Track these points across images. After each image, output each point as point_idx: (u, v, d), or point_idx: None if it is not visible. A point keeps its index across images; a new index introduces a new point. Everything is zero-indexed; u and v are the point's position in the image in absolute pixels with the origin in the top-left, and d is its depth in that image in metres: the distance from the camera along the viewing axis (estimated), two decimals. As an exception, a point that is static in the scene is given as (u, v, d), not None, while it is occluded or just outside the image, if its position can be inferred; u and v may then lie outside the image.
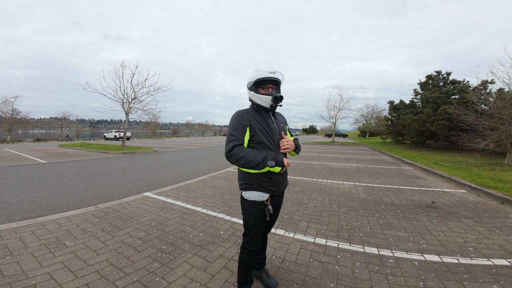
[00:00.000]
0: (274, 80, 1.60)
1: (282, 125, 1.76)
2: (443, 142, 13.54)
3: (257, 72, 1.58)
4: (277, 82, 1.63)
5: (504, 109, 7.87)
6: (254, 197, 1.63)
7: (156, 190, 4.86)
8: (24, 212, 3.56)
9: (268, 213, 1.65)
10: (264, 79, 1.57)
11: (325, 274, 2.05)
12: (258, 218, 1.66)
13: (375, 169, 7.76)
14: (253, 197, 1.63)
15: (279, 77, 1.61)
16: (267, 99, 1.58)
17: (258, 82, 1.60)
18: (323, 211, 3.65)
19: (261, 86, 1.62)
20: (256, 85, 1.61)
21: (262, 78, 1.56)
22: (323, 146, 19.70)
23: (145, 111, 16.63)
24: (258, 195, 1.63)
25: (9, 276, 1.94)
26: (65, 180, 5.88)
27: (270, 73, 1.56)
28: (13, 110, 28.09)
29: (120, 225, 3.03)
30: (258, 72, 1.59)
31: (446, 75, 16.03)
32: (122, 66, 15.17)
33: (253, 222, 1.68)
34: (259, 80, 1.58)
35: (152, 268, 2.11)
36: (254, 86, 1.62)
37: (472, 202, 4.19)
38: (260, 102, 1.61)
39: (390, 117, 21.04)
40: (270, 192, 1.64)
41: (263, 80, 1.58)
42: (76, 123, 57.36)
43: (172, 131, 56.57)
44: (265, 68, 1.59)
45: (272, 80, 1.59)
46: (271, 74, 1.56)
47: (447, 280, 1.96)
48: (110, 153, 12.67)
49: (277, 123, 1.72)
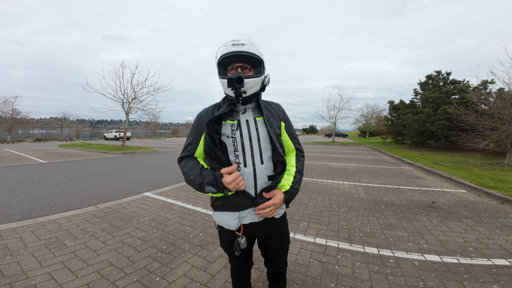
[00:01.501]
0: (240, 54, 1.01)
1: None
2: (443, 142, 13.54)
3: (221, 48, 1.05)
4: (250, 58, 1.04)
5: (504, 109, 7.87)
6: (220, 221, 1.19)
7: (156, 190, 4.86)
8: (24, 212, 3.56)
9: (238, 248, 1.15)
10: (227, 55, 1.02)
11: (325, 274, 2.05)
12: (229, 249, 1.24)
13: (375, 169, 7.75)
14: (219, 222, 1.20)
15: (249, 50, 1.02)
16: (224, 83, 1.05)
17: (222, 61, 1.05)
18: (323, 211, 3.65)
19: (228, 67, 1.08)
20: (223, 67, 1.08)
21: (224, 54, 1.03)
22: (323, 146, 19.70)
23: (145, 111, 16.67)
24: (223, 220, 1.17)
25: (9, 276, 1.94)
26: (65, 180, 5.88)
27: (234, 46, 1.02)
28: (13, 110, 28.10)
29: (120, 225, 3.03)
30: (222, 47, 1.05)
31: (446, 75, 16.03)
32: (122, 66, 15.19)
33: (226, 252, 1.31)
34: (221, 58, 1.04)
35: (152, 268, 2.11)
36: (220, 69, 1.08)
37: (472, 202, 4.19)
38: (225, 89, 1.10)
39: (390, 117, 21.04)
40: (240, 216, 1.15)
41: (225, 57, 1.03)
42: (76, 123, 57.43)
43: (172, 131, 56.62)
44: (230, 41, 1.05)
45: (237, 55, 1.02)
46: (233, 48, 1.01)
47: (447, 280, 1.96)
48: (110, 153, 12.67)
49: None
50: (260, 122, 1.15)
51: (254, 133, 1.12)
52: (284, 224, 1.28)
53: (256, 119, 1.15)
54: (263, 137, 1.13)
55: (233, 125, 1.12)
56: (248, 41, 1.05)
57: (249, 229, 1.19)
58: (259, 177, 1.12)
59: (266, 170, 1.13)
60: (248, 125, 1.13)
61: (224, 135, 1.12)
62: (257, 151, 1.12)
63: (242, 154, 1.11)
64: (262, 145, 1.13)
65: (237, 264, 1.35)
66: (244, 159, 1.11)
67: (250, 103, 1.15)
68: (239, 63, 1.06)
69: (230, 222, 1.15)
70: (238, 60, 1.05)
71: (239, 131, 1.11)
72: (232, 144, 1.11)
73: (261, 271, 2.07)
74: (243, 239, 1.15)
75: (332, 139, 28.81)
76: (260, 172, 1.12)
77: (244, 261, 1.35)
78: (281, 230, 1.26)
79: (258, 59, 1.06)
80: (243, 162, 1.11)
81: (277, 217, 1.20)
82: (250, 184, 1.11)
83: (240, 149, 1.11)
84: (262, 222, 1.18)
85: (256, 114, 1.16)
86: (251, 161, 1.11)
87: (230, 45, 1.02)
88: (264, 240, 1.26)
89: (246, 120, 1.13)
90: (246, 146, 1.11)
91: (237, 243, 1.15)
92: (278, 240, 1.27)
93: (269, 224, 1.20)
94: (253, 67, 1.09)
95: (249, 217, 1.15)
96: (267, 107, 1.21)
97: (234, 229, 1.16)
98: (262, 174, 1.12)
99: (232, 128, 1.11)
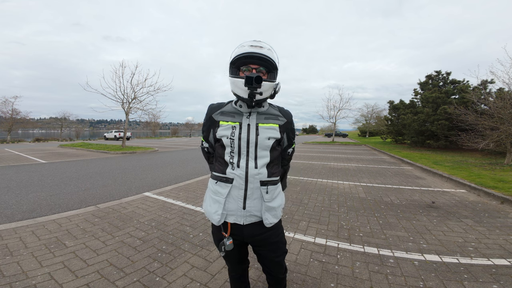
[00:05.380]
0: (258, 56, 1.03)
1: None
2: (443, 142, 13.54)
3: (237, 48, 1.07)
4: (266, 62, 1.05)
5: (504, 109, 7.87)
6: (206, 212, 1.20)
7: (156, 190, 4.86)
8: (24, 212, 3.56)
9: (223, 249, 1.13)
10: (244, 55, 1.03)
11: (325, 274, 2.05)
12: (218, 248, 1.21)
13: (375, 169, 7.76)
14: (205, 213, 1.21)
15: (267, 54, 1.04)
16: (240, 83, 1.02)
17: (237, 62, 1.06)
18: (323, 211, 3.65)
19: (242, 67, 1.08)
20: (236, 67, 1.08)
21: (240, 54, 1.03)
22: (323, 146, 19.70)
23: (145, 111, 16.68)
24: (208, 210, 1.18)
25: (9, 276, 1.94)
26: (65, 180, 5.88)
27: (252, 47, 1.03)
28: (13, 110, 28.09)
29: (120, 225, 3.03)
30: (238, 48, 1.07)
31: (446, 75, 16.04)
32: (122, 66, 15.19)
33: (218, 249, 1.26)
34: (237, 57, 1.04)
35: (152, 268, 2.11)
36: (232, 68, 1.08)
37: (472, 202, 4.19)
38: (236, 89, 1.07)
39: (390, 117, 21.05)
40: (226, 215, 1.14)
41: (241, 57, 1.03)
42: (76, 123, 57.41)
43: (172, 131, 56.62)
44: (248, 42, 1.07)
45: (254, 56, 1.03)
46: (251, 49, 1.02)
47: (447, 280, 1.96)
48: (110, 153, 12.66)
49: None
50: (262, 129, 1.12)
51: (253, 138, 1.10)
52: (277, 232, 1.22)
53: (259, 125, 1.12)
54: (262, 144, 1.11)
55: (234, 127, 1.11)
56: (266, 45, 1.06)
57: (237, 232, 1.16)
58: (251, 181, 1.11)
59: (259, 175, 1.12)
60: (249, 129, 1.11)
61: (224, 136, 1.12)
62: (252, 156, 1.11)
63: (237, 155, 1.11)
64: (259, 152, 1.12)
65: (230, 264, 1.34)
66: (238, 161, 1.11)
67: (256, 108, 1.14)
68: (254, 65, 1.06)
69: (214, 216, 1.14)
70: (254, 62, 1.05)
71: (238, 133, 1.11)
72: (229, 146, 1.12)
73: (261, 271, 2.07)
74: (229, 240, 1.13)
75: (332, 139, 28.81)
76: (252, 176, 1.11)
77: (237, 262, 1.33)
78: (272, 237, 1.19)
79: (274, 64, 1.07)
80: (236, 163, 1.12)
81: (268, 226, 1.16)
82: (240, 185, 1.12)
83: (236, 151, 1.11)
84: (250, 226, 1.15)
85: (261, 120, 1.14)
86: (244, 163, 1.11)
87: (248, 46, 1.03)
88: (255, 247, 1.23)
89: (248, 125, 1.12)
90: (242, 148, 1.10)
91: (223, 243, 1.13)
92: (269, 248, 1.21)
93: (257, 231, 1.16)
94: (267, 71, 1.09)
95: (234, 217, 1.14)
96: (275, 114, 1.19)
97: (216, 223, 1.14)
98: (254, 179, 1.11)
99: (232, 130, 1.11)
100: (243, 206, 1.12)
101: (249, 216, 1.13)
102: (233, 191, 1.12)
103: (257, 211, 1.13)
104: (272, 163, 1.18)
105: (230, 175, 1.12)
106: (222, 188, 1.14)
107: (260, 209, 1.14)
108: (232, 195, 1.12)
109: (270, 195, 1.15)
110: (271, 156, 1.15)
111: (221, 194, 1.14)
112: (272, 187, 1.16)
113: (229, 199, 1.13)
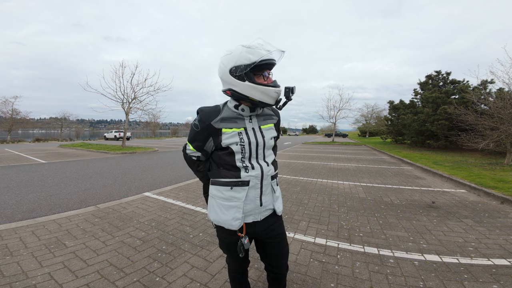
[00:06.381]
0: (271, 63, 1.06)
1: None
2: (443, 142, 13.54)
3: (251, 51, 1.00)
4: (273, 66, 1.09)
5: (504, 109, 7.87)
6: (219, 221, 1.17)
7: (156, 190, 4.86)
8: (24, 212, 3.56)
9: (242, 249, 1.13)
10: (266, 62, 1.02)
11: (325, 274, 2.05)
12: (230, 250, 1.25)
13: (375, 169, 7.76)
14: (218, 221, 1.17)
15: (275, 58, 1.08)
16: (273, 93, 1.04)
17: (258, 66, 1.04)
18: (323, 211, 3.65)
19: (257, 73, 1.07)
20: (252, 71, 1.05)
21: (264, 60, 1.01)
22: (323, 146, 19.69)
23: (145, 111, 16.67)
24: (223, 219, 1.15)
25: (9, 276, 1.94)
26: (65, 180, 5.88)
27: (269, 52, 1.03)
28: (13, 110, 28.09)
29: (120, 225, 3.03)
30: (251, 50, 1.00)
31: (446, 75, 16.03)
32: (122, 66, 15.18)
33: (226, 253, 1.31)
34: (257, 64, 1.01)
35: (152, 268, 2.11)
36: (248, 72, 1.03)
37: (472, 202, 4.19)
38: (260, 96, 1.04)
39: (390, 117, 21.04)
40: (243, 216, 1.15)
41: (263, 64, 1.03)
42: (76, 123, 57.39)
43: (172, 131, 56.62)
44: (259, 45, 1.03)
45: (271, 63, 1.06)
46: (270, 55, 1.04)
47: (447, 280, 1.96)
48: (110, 153, 12.66)
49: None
50: (265, 130, 1.19)
51: (261, 141, 1.16)
52: (282, 223, 1.32)
53: (261, 127, 1.19)
54: (268, 144, 1.20)
55: (240, 133, 1.13)
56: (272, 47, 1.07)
57: (251, 229, 1.19)
58: (265, 178, 1.19)
59: (270, 172, 1.22)
60: (254, 133, 1.16)
61: (233, 143, 1.11)
62: (261, 156, 1.19)
63: (249, 159, 1.15)
64: (266, 151, 1.21)
65: (236, 264, 1.35)
66: (252, 164, 1.16)
67: (256, 111, 1.17)
68: (268, 69, 1.10)
69: (233, 222, 1.14)
70: (270, 68, 1.10)
71: (247, 138, 1.13)
72: (240, 152, 1.13)
73: (261, 271, 2.07)
74: (246, 239, 1.15)
75: (332, 139, 28.81)
76: (266, 174, 1.19)
77: (243, 262, 1.36)
78: (280, 227, 1.28)
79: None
80: (250, 166, 1.16)
81: (280, 214, 1.28)
82: (256, 185, 1.16)
83: (247, 156, 1.14)
84: (264, 220, 1.22)
85: (260, 122, 1.20)
86: (258, 164, 1.17)
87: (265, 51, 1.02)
88: (264, 240, 1.26)
89: (252, 128, 1.16)
90: (253, 152, 1.15)
91: (241, 244, 1.13)
92: (277, 239, 1.26)
93: (269, 223, 1.23)
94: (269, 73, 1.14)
95: (253, 216, 1.18)
96: (270, 114, 1.26)
97: (236, 229, 1.14)
98: (267, 176, 1.20)
99: (240, 137, 1.12)
100: (260, 203, 1.18)
101: (265, 211, 1.21)
102: (250, 192, 1.16)
103: (270, 203, 1.22)
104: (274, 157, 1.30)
105: (245, 178, 1.14)
106: (238, 193, 1.15)
107: (272, 201, 1.23)
108: (250, 197, 1.16)
109: (276, 186, 1.28)
110: (274, 152, 1.30)
111: (237, 198, 1.15)
112: (276, 178, 1.28)
113: (247, 201, 1.15)
